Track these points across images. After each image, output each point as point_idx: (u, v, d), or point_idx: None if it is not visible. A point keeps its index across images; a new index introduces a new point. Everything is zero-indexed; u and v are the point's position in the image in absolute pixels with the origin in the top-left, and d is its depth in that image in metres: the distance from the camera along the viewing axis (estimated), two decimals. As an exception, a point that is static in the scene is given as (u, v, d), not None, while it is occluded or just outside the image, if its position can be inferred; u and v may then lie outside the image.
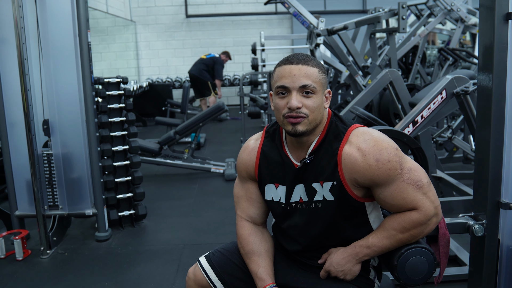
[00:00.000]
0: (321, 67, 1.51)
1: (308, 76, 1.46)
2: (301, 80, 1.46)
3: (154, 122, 7.44)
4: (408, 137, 2.51)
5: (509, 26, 1.67)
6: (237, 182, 1.74)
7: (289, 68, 1.47)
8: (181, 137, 5.41)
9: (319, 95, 1.48)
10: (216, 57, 9.05)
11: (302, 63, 1.47)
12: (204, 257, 1.70)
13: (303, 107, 1.46)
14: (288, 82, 1.47)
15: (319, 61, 1.53)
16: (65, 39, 3.22)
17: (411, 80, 6.19)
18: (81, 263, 3.15)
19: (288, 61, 1.49)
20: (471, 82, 2.80)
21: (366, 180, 1.48)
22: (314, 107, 1.47)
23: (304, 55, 1.51)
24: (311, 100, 1.47)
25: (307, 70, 1.46)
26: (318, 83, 1.47)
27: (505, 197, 1.76)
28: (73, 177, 3.37)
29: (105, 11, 9.22)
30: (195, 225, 3.83)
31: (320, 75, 1.49)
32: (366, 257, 1.55)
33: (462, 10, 5.86)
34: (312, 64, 1.48)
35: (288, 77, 1.47)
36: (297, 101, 1.46)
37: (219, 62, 8.97)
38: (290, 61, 1.48)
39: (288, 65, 1.48)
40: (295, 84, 1.46)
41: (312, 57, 1.51)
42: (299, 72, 1.46)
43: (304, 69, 1.46)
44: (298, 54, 1.51)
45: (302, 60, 1.48)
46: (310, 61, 1.48)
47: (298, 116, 1.46)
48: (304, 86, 1.46)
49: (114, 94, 3.82)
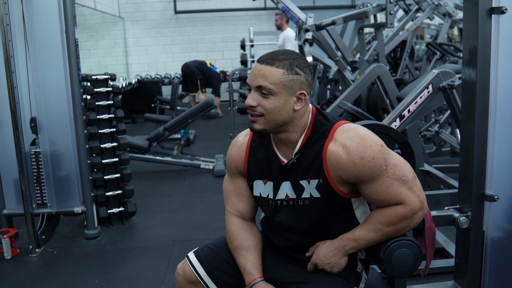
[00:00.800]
0: (291, 68, 1.47)
1: (266, 77, 1.46)
2: (257, 80, 1.47)
3: (143, 118, 7.42)
4: (395, 132, 2.52)
5: (493, 21, 1.69)
6: (227, 178, 1.75)
7: (255, 67, 1.50)
8: (170, 134, 5.39)
9: (279, 96, 1.46)
10: (216, 72, 9.08)
11: (266, 63, 1.47)
12: (193, 253, 1.71)
13: (259, 106, 1.48)
14: (249, 80, 1.50)
15: (298, 61, 1.49)
16: (52, 36, 3.20)
17: (400, 75, 6.22)
18: (70, 261, 3.14)
19: (259, 59, 1.51)
20: (457, 77, 2.82)
21: (351, 177, 1.49)
22: (270, 108, 1.47)
23: (278, 54, 1.49)
24: (268, 101, 1.47)
25: (267, 71, 1.46)
26: (278, 85, 1.46)
27: (490, 190, 1.79)
28: (61, 175, 3.35)
29: (93, 7, 9.16)
30: (185, 221, 3.84)
31: (286, 77, 1.46)
32: (353, 250, 1.56)
33: (450, 5, 5.90)
34: (278, 64, 1.46)
35: (251, 76, 1.50)
36: (252, 99, 1.48)
37: (217, 79, 9.01)
38: (260, 59, 1.50)
39: (257, 63, 1.50)
40: (253, 83, 1.49)
41: (288, 57, 1.48)
42: (259, 72, 1.47)
43: (265, 69, 1.47)
44: (273, 52, 1.51)
45: (268, 60, 1.48)
46: (277, 61, 1.47)
47: (253, 114, 1.49)
48: (260, 87, 1.47)
49: (102, 91, 3.81)
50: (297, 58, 1.50)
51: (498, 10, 1.67)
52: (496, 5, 1.68)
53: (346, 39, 6.25)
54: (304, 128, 1.55)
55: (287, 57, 1.49)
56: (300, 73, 1.49)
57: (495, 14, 1.68)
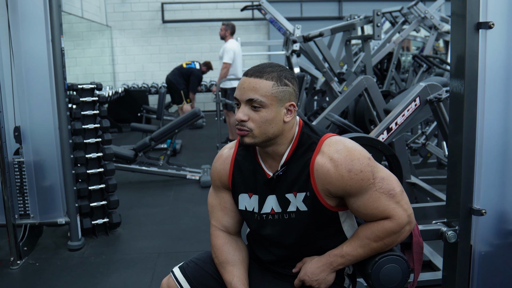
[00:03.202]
0: (280, 80, 1.47)
1: (256, 90, 1.45)
2: (247, 93, 1.45)
3: (129, 128, 7.36)
4: (383, 144, 2.52)
5: (480, 36, 1.69)
6: (211, 191, 1.73)
7: (243, 80, 1.48)
8: (156, 144, 5.35)
9: (270, 109, 1.46)
10: (195, 68, 8.79)
11: (255, 76, 1.46)
12: (178, 268, 1.68)
13: (249, 120, 1.46)
14: (239, 94, 1.48)
15: (285, 73, 1.49)
16: (38, 44, 3.16)
17: (386, 87, 6.26)
18: (53, 274, 3.08)
19: (246, 73, 1.49)
20: (444, 89, 2.84)
21: (339, 191, 1.47)
22: (261, 121, 1.46)
23: (266, 66, 1.49)
24: (259, 115, 1.46)
25: (256, 84, 1.45)
26: (269, 97, 1.45)
27: (477, 204, 1.78)
28: (45, 185, 3.30)
29: (80, 15, 9.11)
30: (170, 232, 3.79)
31: (276, 88, 1.45)
32: (341, 266, 1.54)
33: (436, 18, 5.97)
34: (267, 77, 1.46)
35: (240, 90, 1.48)
36: (242, 114, 1.46)
37: (195, 74, 8.72)
38: (247, 72, 1.49)
39: (244, 77, 1.49)
40: (243, 97, 1.47)
41: (276, 69, 1.48)
42: (248, 86, 1.46)
43: (254, 82, 1.45)
44: (260, 65, 1.50)
45: (257, 73, 1.46)
46: (265, 73, 1.46)
47: (242, 129, 1.47)
48: (251, 100, 1.45)
49: (88, 101, 3.77)
50: (284, 70, 1.50)
51: (485, 25, 1.67)
52: (483, 20, 1.68)
53: (334, 51, 6.29)
54: (291, 141, 1.54)
55: (275, 69, 1.48)
56: (289, 84, 1.49)
57: (482, 29, 1.68)
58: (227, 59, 6.63)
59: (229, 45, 6.75)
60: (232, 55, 6.61)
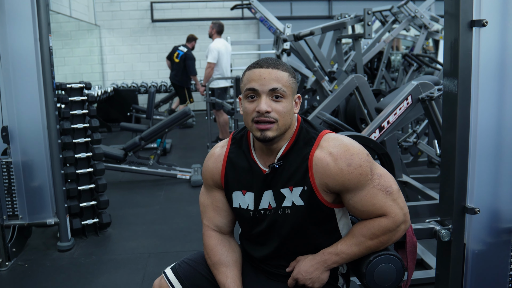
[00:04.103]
0: (291, 72, 1.50)
1: (278, 80, 1.44)
2: (271, 83, 1.44)
3: (119, 127, 7.30)
4: (375, 143, 2.52)
5: (473, 34, 1.69)
6: (203, 191, 1.70)
7: (259, 72, 1.45)
8: (146, 143, 5.31)
9: (289, 99, 1.47)
10: (185, 52, 8.39)
11: (272, 67, 1.46)
12: (170, 269, 1.65)
13: (272, 111, 1.44)
14: (258, 85, 1.45)
15: (289, 66, 1.52)
16: (25, 43, 3.12)
17: (376, 86, 6.27)
18: (42, 275, 3.04)
19: (258, 65, 1.47)
20: (436, 88, 2.84)
21: (337, 185, 1.47)
22: (284, 112, 1.45)
23: (274, 59, 1.50)
24: (281, 105, 1.45)
25: (277, 74, 1.45)
26: (288, 88, 1.46)
27: (471, 202, 1.78)
28: (33, 186, 3.25)
29: (68, 14, 9.02)
30: (161, 232, 3.76)
31: (290, 79, 1.48)
32: (335, 264, 1.53)
33: (426, 17, 5.99)
34: (282, 68, 1.47)
35: (258, 80, 1.45)
36: (266, 105, 1.44)
37: (189, 57, 8.35)
38: (260, 64, 1.47)
39: (258, 69, 1.46)
40: (265, 88, 1.44)
41: (283, 62, 1.50)
42: (269, 76, 1.44)
43: (274, 72, 1.45)
44: (268, 58, 1.50)
45: (272, 64, 1.46)
46: (280, 65, 1.47)
47: (267, 120, 1.44)
48: (274, 90, 1.44)
49: (77, 100, 3.72)
50: (287, 64, 1.52)
51: (478, 23, 1.67)
52: (477, 18, 1.68)
53: (324, 50, 6.28)
54: (290, 135, 1.53)
55: (282, 62, 1.51)
56: (295, 77, 1.52)
57: (476, 27, 1.68)
58: (211, 59, 6.63)
59: (214, 44, 6.74)
60: (216, 54, 6.59)
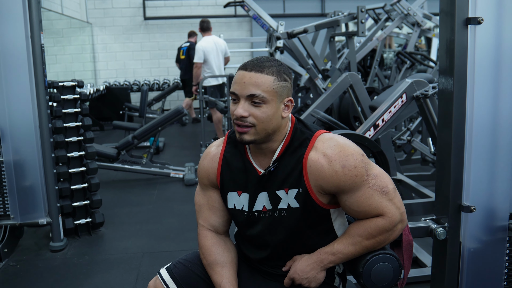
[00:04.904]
0: (280, 74, 1.44)
1: (258, 85, 1.41)
2: (249, 89, 1.41)
3: (111, 126, 7.27)
4: (370, 141, 2.51)
5: (469, 31, 1.68)
6: (198, 190, 1.69)
7: (242, 75, 1.43)
8: (139, 142, 5.29)
9: (271, 104, 1.43)
10: (188, 46, 8.51)
11: (256, 71, 1.42)
12: (165, 269, 1.64)
13: (250, 116, 1.42)
14: (238, 89, 1.43)
15: (283, 67, 1.47)
16: (17, 40, 3.08)
17: (369, 83, 6.27)
18: (34, 276, 3.01)
19: (244, 67, 1.45)
20: (430, 86, 2.84)
21: (332, 187, 1.45)
22: (262, 117, 1.42)
23: (264, 60, 1.46)
24: (260, 110, 1.42)
25: (258, 79, 1.41)
26: (270, 93, 1.42)
27: (466, 200, 1.77)
28: (25, 185, 3.22)
29: (60, 12, 8.96)
30: (154, 232, 3.74)
31: (276, 83, 1.43)
32: (331, 264, 1.52)
33: (418, 15, 6.00)
34: (267, 71, 1.43)
35: (239, 84, 1.43)
36: (243, 109, 1.42)
37: (192, 47, 8.28)
38: (246, 66, 1.44)
39: (243, 71, 1.44)
40: (243, 92, 1.42)
41: (274, 63, 1.46)
42: (250, 80, 1.42)
43: (256, 77, 1.42)
44: (258, 59, 1.46)
45: (257, 67, 1.43)
46: (266, 68, 1.43)
47: (244, 125, 1.43)
48: (252, 96, 1.41)
49: (69, 98, 3.69)
50: (282, 64, 1.48)
51: (474, 21, 1.66)
52: (472, 15, 1.67)
53: (318, 48, 6.27)
54: (284, 136, 1.51)
55: (273, 64, 1.45)
56: (287, 79, 1.47)
57: (471, 24, 1.67)
58: (196, 59, 6.65)
59: (199, 44, 6.76)
60: (201, 54, 6.59)
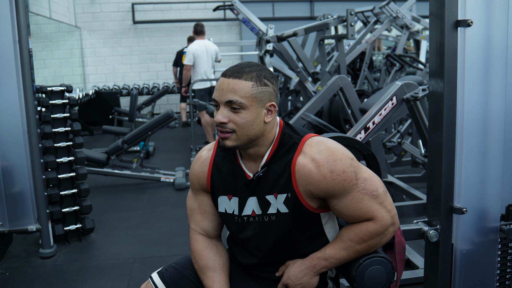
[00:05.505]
0: (259, 80, 1.43)
1: (235, 92, 1.41)
2: (227, 95, 1.42)
3: (101, 131, 7.23)
4: (361, 144, 2.51)
5: (459, 34, 1.69)
6: (190, 194, 1.68)
7: (222, 81, 1.44)
8: (129, 146, 5.25)
9: (251, 110, 1.42)
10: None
11: (234, 77, 1.42)
12: (157, 273, 1.62)
13: (230, 122, 1.42)
14: (217, 96, 1.44)
15: (264, 72, 1.46)
16: (4, 45, 3.05)
17: (359, 86, 6.29)
18: (24, 283, 2.97)
19: (224, 73, 1.45)
20: (420, 88, 2.85)
21: (321, 192, 1.44)
22: (242, 123, 1.42)
23: (244, 66, 1.45)
24: (239, 116, 1.42)
25: (236, 85, 1.41)
26: (248, 98, 1.41)
27: (458, 202, 1.77)
28: (14, 191, 3.18)
29: (48, 16, 8.90)
30: (145, 237, 3.72)
31: (255, 89, 1.42)
32: (324, 269, 1.52)
33: (407, 17, 6.04)
34: (246, 77, 1.42)
35: (218, 91, 1.44)
36: (222, 116, 1.42)
37: None
38: (225, 73, 1.45)
39: (222, 78, 1.45)
40: (221, 99, 1.43)
41: (255, 69, 1.44)
42: (227, 87, 1.42)
43: (233, 83, 1.42)
44: (238, 65, 1.46)
45: (235, 73, 1.43)
46: (244, 73, 1.42)
47: (224, 131, 1.43)
48: (230, 102, 1.41)
49: (58, 103, 3.66)
50: (263, 69, 1.46)
51: (464, 23, 1.67)
52: (462, 18, 1.68)
53: (307, 51, 6.29)
54: (272, 141, 1.50)
55: (253, 69, 1.44)
56: (268, 84, 1.45)
57: (461, 27, 1.68)
58: (186, 61, 6.70)
59: (190, 46, 6.81)
60: (191, 57, 6.63)
